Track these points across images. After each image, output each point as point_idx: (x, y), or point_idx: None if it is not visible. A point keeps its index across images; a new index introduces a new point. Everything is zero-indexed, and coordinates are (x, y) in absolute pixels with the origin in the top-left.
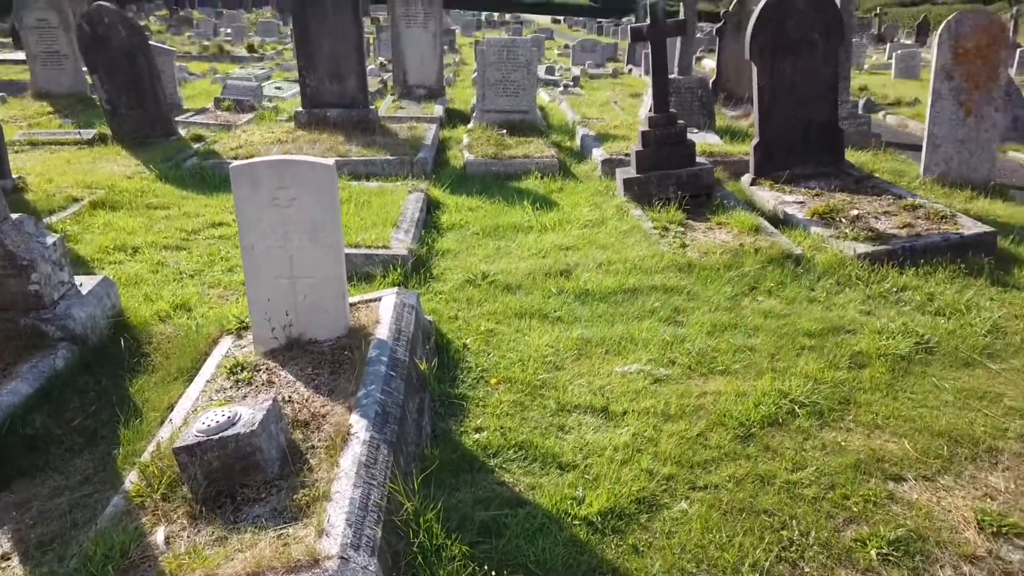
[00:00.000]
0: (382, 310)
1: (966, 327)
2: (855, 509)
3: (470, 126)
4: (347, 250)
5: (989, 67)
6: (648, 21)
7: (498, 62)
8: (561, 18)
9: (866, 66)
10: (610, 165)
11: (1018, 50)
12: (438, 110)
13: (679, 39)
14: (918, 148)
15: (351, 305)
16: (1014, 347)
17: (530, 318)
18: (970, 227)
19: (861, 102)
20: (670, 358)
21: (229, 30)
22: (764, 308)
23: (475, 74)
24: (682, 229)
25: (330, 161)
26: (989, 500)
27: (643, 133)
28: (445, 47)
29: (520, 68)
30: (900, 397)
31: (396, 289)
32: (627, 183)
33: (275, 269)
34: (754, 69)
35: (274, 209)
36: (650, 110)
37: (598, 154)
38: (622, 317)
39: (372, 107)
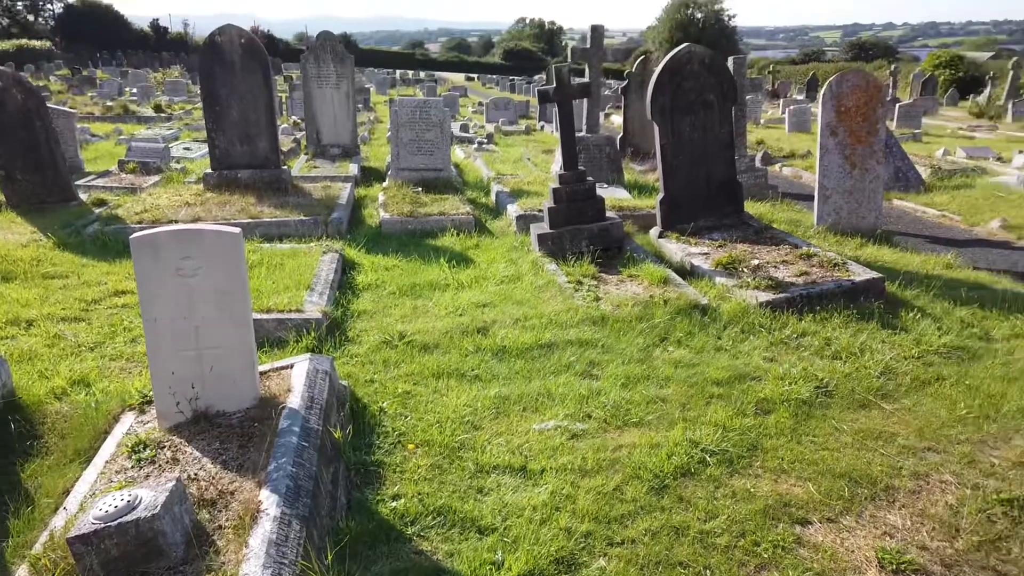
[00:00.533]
0: (294, 377)
1: (861, 369)
2: (765, 555)
3: (385, 184)
4: (258, 316)
5: (869, 123)
6: (554, 84)
7: (411, 122)
8: (475, 76)
9: (762, 120)
10: (525, 221)
11: (897, 104)
12: (353, 169)
13: (586, 99)
14: (812, 198)
15: (262, 374)
16: (905, 387)
17: (448, 378)
18: (860, 274)
19: (758, 155)
20: (586, 412)
21: (135, 90)
22: (675, 358)
23: (390, 133)
24: (595, 282)
25: (236, 229)
26: (888, 538)
27: (554, 190)
28: (359, 105)
29: (434, 128)
30: (803, 441)
31: (309, 355)
32: (541, 238)
33: (180, 341)
34: (656, 128)
35: (178, 280)
36: (561, 167)
37: (513, 210)
38: (539, 373)
39: (285, 167)
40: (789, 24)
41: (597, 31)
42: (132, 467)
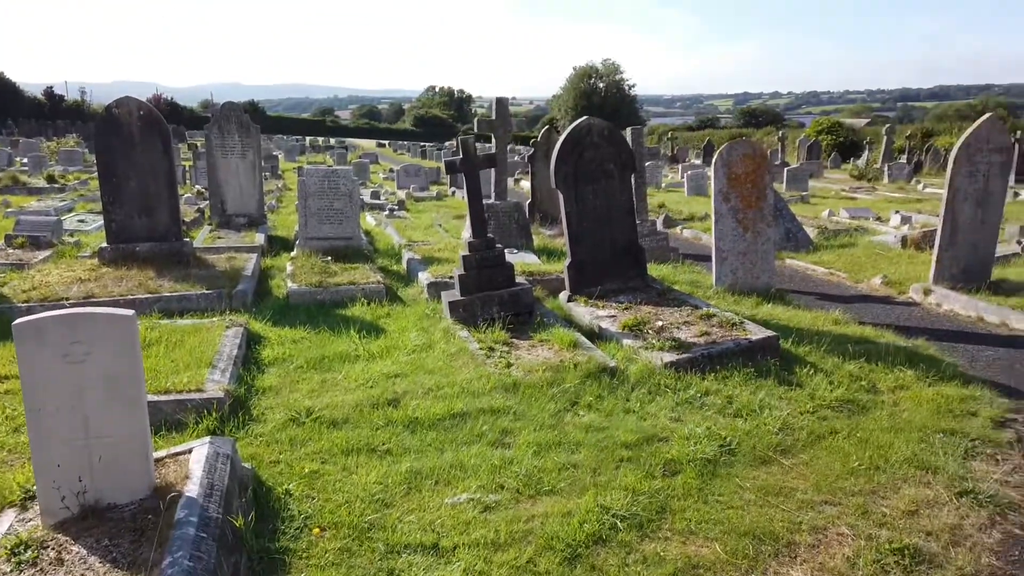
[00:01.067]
0: (193, 463)
1: (761, 426)
2: None
3: (293, 254)
4: (155, 398)
5: (758, 189)
6: (461, 155)
7: (320, 191)
8: (386, 142)
9: (663, 184)
10: (436, 288)
11: (786, 168)
12: (259, 239)
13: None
14: (711, 259)
15: (158, 461)
16: (801, 442)
17: (357, 454)
18: (757, 332)
19: (660, 219)
20: (499, 483)
21: (26, 160)
22: (585, 422)
23: (298, 202)
24: (507, 348)
25: (129, 311)
26: None
27: (464, 258)
28: (267, 173)
29: (343, 197)
30: (710, 500)
31: (210, 437)
32: (452, 306)
33: (66, 431)
34: (561, 196)
35: (66, 366)
36: (470, 235)
37: (424, 277)
38: (451, 444)
39: (187, 239)
40: (685, 93)
41: (502, 103)
42: (11, 571)
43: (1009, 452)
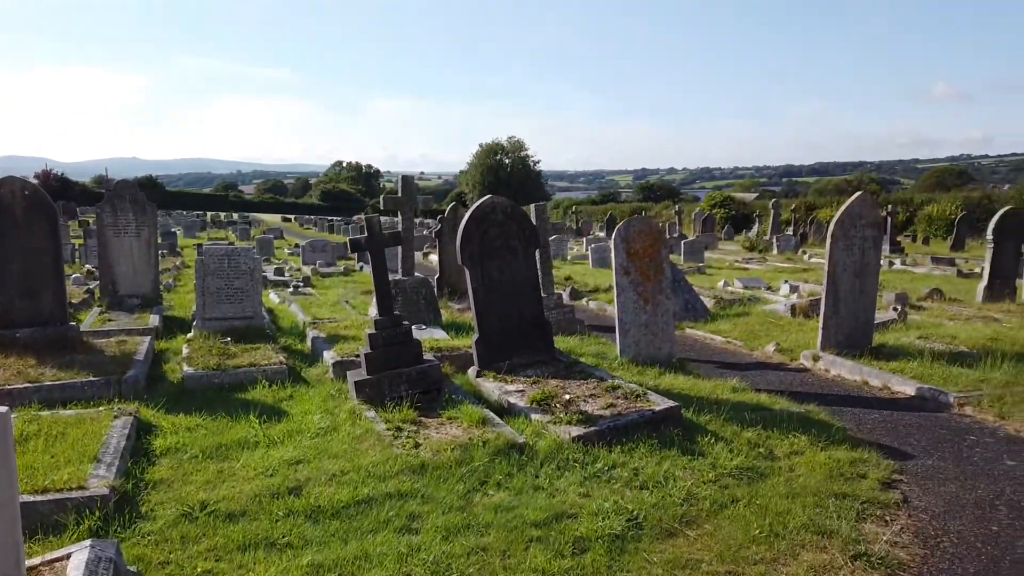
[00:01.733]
0: (71, 570)
1: (666, 498)
2: None
3: (190, 335)
4: (30, 498)
5: (655, 264)
6: (366, 233)
7: (220, 269)
8: (292, 217)
9: (569, 257)
10: (342, 367)
11: (683, 241)
12: (153, 320)
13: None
14: (615, 330)
15: (31, 569)
16: (705, 511)
17: (256, 549)
18: (660, 403)
19: (567, 291)
20: (406, 572)
21: None
22: (495, 502)
23: (196, 281)
24: (415, 428)
25: (1, 408)
26: None
27: (370, 336)
28: (164, 251)
29: (243, 275)
30: None
31: (91, 540)
32: (359, 385)
33: None
34: (467, 273)
35: None
36: (376, 313)
37: (329, 356)
38: (356, 533)
39: (73, 323)
40: (588, 168)
41: (408, 181)
42: None
43: (896, 512)
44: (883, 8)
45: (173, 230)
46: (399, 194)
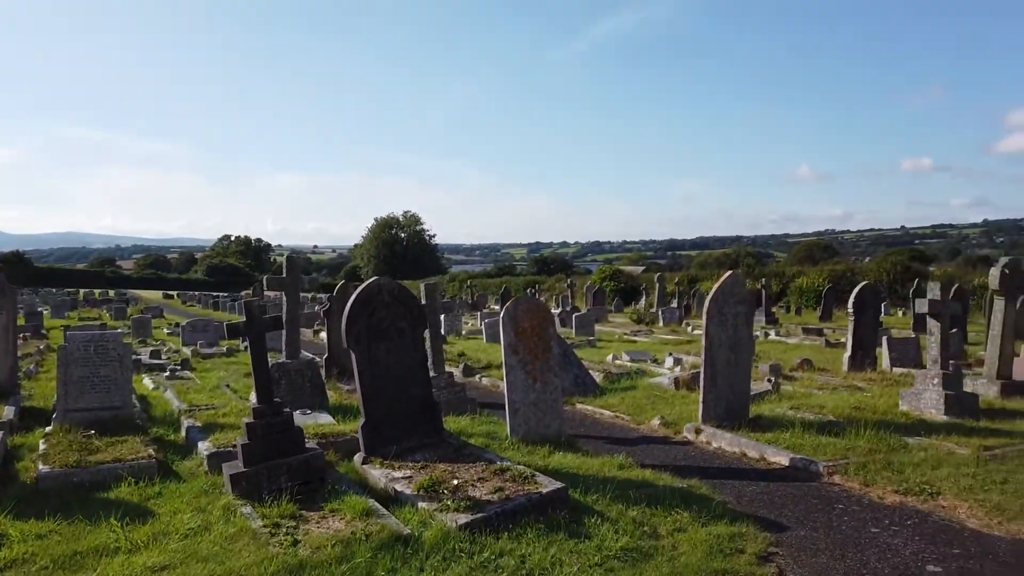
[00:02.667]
0: None
1: None
2: None
3: (49, 429)
4: None
5: (543, 342)
6: (245, 318)
7: (85, 357)
8: (175, 293)
9: (464, 331)
10: (218, 459)
11: (575, 315)
12: (8, 412)
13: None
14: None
15: None
16: None
17: None
18: (547, 485)
19: (459, 368)
20: None
21: None
22: None
23: (58, 369)
24: (295, 523)
25: None
26: None
27: (248, 425)
28: (27, 334)
29: (111, 362)
30: None
31: None
32: (235, 479)
33: None
34: (353, 355)
35: None
36: (255, 400)
37: (204, 448)
38: None
39: None
40: (484, 242)
41: (292, 261)
42: None
43: None
44: (752, 94)
45: (40, 310)
46: (284, 275)
